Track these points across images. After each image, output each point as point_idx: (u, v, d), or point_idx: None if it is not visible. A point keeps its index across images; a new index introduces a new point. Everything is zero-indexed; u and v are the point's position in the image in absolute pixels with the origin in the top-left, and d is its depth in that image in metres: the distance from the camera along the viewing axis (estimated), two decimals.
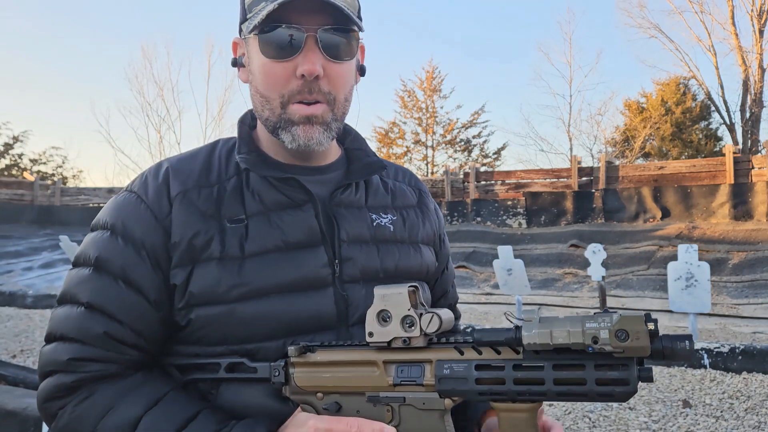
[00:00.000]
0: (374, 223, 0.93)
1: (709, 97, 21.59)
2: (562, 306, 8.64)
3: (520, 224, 12.97)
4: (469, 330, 0.74)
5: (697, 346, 4.71)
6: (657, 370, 4.58)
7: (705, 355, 4.62)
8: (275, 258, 0.83)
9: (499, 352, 0.69)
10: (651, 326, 0.60)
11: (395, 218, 0.96)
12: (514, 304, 7.07)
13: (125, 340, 0.80)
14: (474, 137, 25.70)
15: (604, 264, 6.60)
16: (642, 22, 23.39)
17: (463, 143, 25.79)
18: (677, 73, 22.17)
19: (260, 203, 0.86)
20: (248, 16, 0.85)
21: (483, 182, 14.50)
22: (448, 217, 13.66)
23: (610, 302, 7.55)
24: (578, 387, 0.64)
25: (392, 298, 0.72)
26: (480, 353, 0.69)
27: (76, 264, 0.85)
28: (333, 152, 0.97)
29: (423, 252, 0.98)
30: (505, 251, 6.89)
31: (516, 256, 7.01)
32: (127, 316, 0.80)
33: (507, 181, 14.30)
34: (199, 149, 0.94)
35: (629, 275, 9.75)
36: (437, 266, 1.05)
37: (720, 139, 21.78)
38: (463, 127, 25.51)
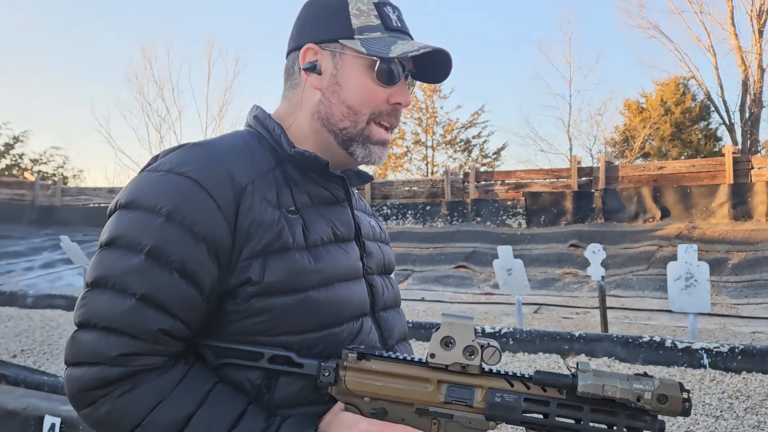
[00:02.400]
0: (370, 225, 1.06)
1: (708, 97, 21.60)
2: (562, 306, 8.64)
3: (519, 224, 12.98)
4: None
5: (697, 345, 4.72)
6: (656, 370, 4.58)
7: (704, 355, 4.63)
8: (332, 249, 0.89)
9: (545, 390, 0.78)
10: (685, 395, 0.73)
11: (374, 222, 1.10)
12: (514, 303, 7.07)
13: (176, 334, 0.79)
14: (474, 137, 25.72)
15: (604, 264, 6.60)
16: (642, 22, 23.40)
17: (463, 143, 25.80)
18: (677, 73, 22.20)
19: (307, 197, 0.90)
20: (356, 36, 0.90)
21: (483, 182, 14.51)
22: (448, 217, 13.67)
23: (610, 302, 7.55)
24: (608, 430, 0.76)
25: (459, 327, 0.80)
26: (528, 388, 0.79)
27: (118, 246, 0.79)
28: None
29: (390, 249, 1.13)
30: (504, 251, 6.89)
31: (516, 256, 7.01)
32: (182, 311, 0.78)
33: (507, 181, 14.31)
34: (226, 138, 0.92)
35: (629, 275, 9.75)
36: None
37: (719, 139, 21.80)
38: (462, 127, 25.52)
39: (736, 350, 4.57)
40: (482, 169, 17.88)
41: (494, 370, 0.80)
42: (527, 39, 39.53)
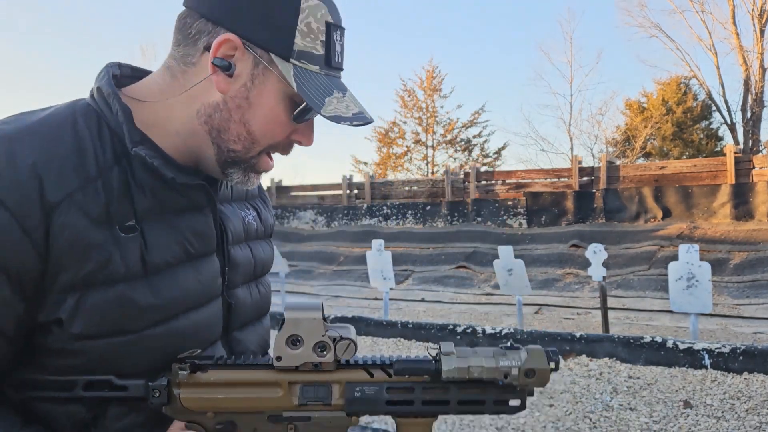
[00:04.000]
0: (245, 221, 0.89)
1: (710, 96, 21.57)
2: (563, 306, 8.62)
3: (520, 224, 12.95)
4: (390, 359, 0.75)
5: (699, 346, 4.70)
6: (658, 371, 4.56)
7: (706, 356, 4.61)
8: (180, 271, 0.74)
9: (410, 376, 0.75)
10: (553, 365, 0.72)
11: (253, 213, 0.93)
12: (515, 304, 7.06)
13: None
14: (474, 137, 25.69)
15: (605, 264, 6.58)
16: (642, 21, 23.35)
17: (463, 143, 25.78)
18: (678, 72, 22.15)
19: (155, 202, 0.73)
20: (292, 60, 0.72)
21: (483, 182, 14.48)
22: (449, 217, 13.65)
23: (611, 302, 7.53)
24: (478, 406, 0.74)
25: (305, 323, 0.71)
26: (390, 375, 0.73)
27: None
28: None
29: (270, 244, 0.99)
30: (505, 251, 6.88)
31: (516, 256, 6.99)
32: None
33: (507, 181, 14.28)
34: (52, 117, 0.71)
35: (630, 275, 9.73)
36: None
37: (721, 138, 21.77)
38: (463, 126, 25.49)
39: (738, 351, 4.54)
40: (483, 169, 17.87)
41: (352, 361, 0.74)
42: (528, 38, 39.54)
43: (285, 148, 0.80)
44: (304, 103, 0.74)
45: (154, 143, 0.75)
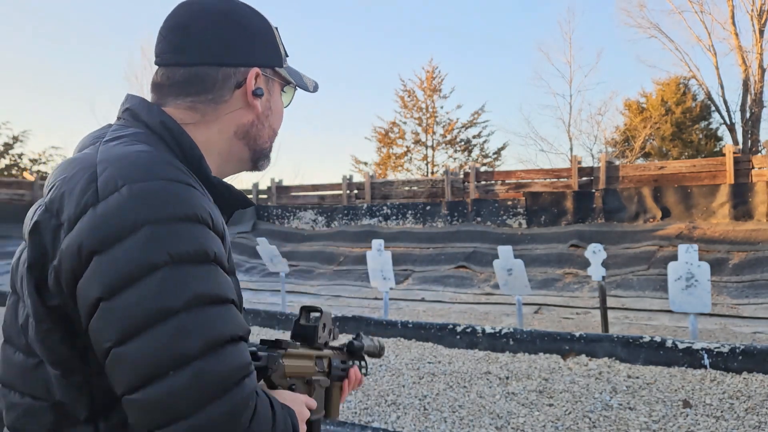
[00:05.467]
0: None
1: (709, 97, 21.60)
2: (563, 306, 8.63)
3: (520, 224, 12.97)
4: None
5: (698, 346, 4.71)
6: (657, 371, 4.58)
7: (705, 355, 4.62)
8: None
9: (350, 353, 1.24)
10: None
11: None
12: (515, 304, 7.06)
13: None
14: (474, 137, 25.70)
15: (605, 264, 6.59)
16: (642, 21, 23.40)
17: (463, 143, 25.79)
18: (677, 73, 22.19)
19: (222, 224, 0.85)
20: (285, 65, 0.98)
21: (483, 182, 14.50)
22: (449, 217, 13.66)
23: (611, 302, 7.54)
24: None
25: (328, 316, 1.09)
26: (342, 352, 1.23)
27: (184, 260, 0.69)
28: None
29: None
30: (505, 251, 6.88)
31: (516, 256, 7.00)
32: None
33: (507, 181, 14.30)
34: (153, 156, 0.77)
35: (629, 275, 9.74)
36: None
37: (720, 139, 21.79)
38: (463, 127, 25.51)
39: (737, 350, 4.56)
40: (482, 169, 17.87)
41: (330, 344, 1.12)
42: (527, 39, 39.53)
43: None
44: (294, 90, 1.02)
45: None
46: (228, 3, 0.92)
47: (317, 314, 1.05)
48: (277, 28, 0.98)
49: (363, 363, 1.26)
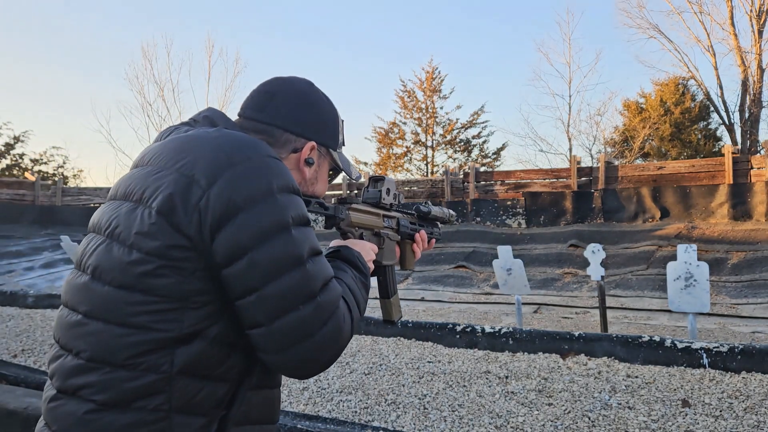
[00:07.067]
0: None
1: (708, 97, 21.61)
2: (562, 306, 8.64)
3: (519, 224, 12.98)
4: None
5: (697, 345, 4.72)
6: (656, 370, 4.59)
7: (704, 355, 4.64)
8: None
9: (419, 217, 1.51)
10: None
11: None
12: (514, 303, 7.08)
13: None
14: (474, 137, 25.72)
15: (604, 264, 6.61)
16: (641, 22, 23.43)
17: (462, 143, 25.80)
18: (676, 73, 22.21)
19: None
20: (338, 150, 1.20)
21: (483, 182, 14.51)
22: None
23: (610, 302, 7.56)
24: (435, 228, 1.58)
25: (391, 182, 1.37)
26: (413, 216, 1.48)
27: (300, 223, 0.93)
28: None
29: None
30: (504, 251, 6.90)
31: (515, 256, 7.02)
32: None
33: (506, 181, 14.31)
34: (255, 138, 0.99)
35: (628, 275, 9.76)
36: None
37: (719, 139, 21.81)
38: (462, 127, 25.52)
39: (736, 350, 4.57)
40: (482, 169, 17.89)
41: (400, 209, 1.41)
42: (527, 39, 39.53)
43: None
44: (340, 172, 1.24)
45: None
46: (311, 87, 1.16)
47: (382, 181, 1.31)
48: (343, 120, 1.21)
49: (435, 230, 1.52)
